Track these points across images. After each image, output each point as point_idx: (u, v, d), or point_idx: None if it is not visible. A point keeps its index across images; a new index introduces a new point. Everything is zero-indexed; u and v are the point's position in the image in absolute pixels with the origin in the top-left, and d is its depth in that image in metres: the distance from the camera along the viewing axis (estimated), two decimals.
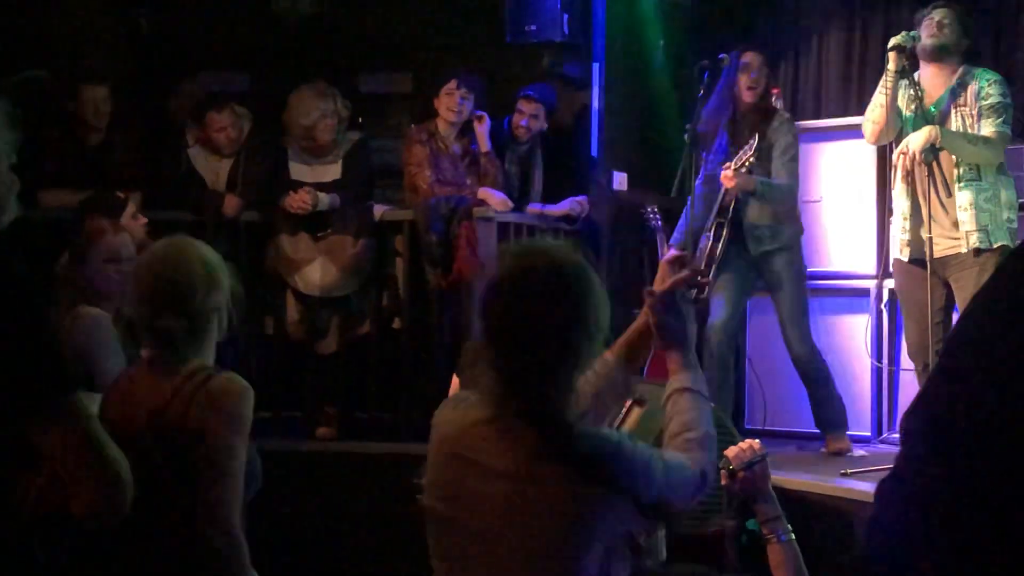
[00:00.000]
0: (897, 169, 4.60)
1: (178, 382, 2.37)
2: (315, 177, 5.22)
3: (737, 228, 4.92)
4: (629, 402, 3.67)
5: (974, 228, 4.41)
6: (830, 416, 4.99)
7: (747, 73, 4.93)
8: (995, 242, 4.39)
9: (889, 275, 5.02)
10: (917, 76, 4.56)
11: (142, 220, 4.26)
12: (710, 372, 5.01)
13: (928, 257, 4.43)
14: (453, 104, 5.30)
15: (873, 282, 5.47)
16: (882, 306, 5.44)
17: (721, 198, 4.89)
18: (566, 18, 5.63)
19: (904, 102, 4.61)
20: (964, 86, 4.53)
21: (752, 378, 5.59)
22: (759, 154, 4.80)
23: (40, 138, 5.12)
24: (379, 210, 5.31)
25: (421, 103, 5.68)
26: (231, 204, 5.24)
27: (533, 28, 5.69)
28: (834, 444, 4.94)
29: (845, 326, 5.52)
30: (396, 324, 5.37)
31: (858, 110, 5.26)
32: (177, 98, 5.87)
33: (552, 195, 5.63)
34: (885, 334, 5.44)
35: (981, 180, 4.45)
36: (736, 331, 5.19)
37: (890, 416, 5.37)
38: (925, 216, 4.45)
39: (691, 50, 6.13)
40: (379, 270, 5.32)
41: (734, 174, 4.72)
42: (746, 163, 4.72)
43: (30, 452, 1.77)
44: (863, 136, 4.82)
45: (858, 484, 4.06)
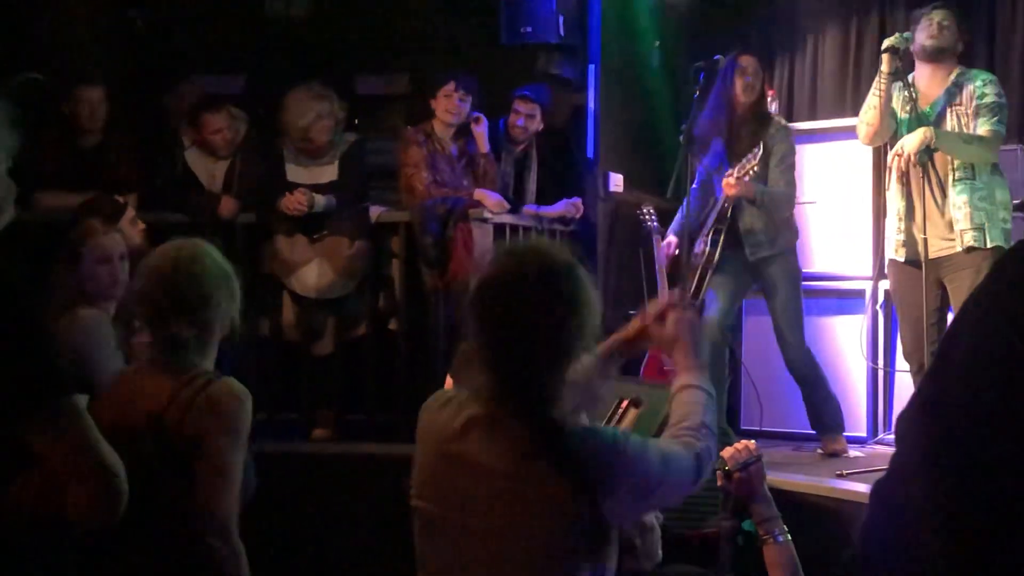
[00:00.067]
0: (892, 170, 4.61)
1: (178, 386, 2.36)
2: (311, 179, 5.21)
3: (734, 233, 4.93)
4: (625, 403, 3.67)
5: (968, 227, 4.42)
6: (826, 418, 4.99)
7: (743, 77, 4.93)
8: (990, 242, 4.40)
9: (884, 276, 5.02)
10: (911, 78, 4.57)
11: (140, 226, 4.26)
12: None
13: (923, 258, 4.44)
14: (452, 106, 5.30)
15: (868, 283, 5.47)
16: (877, 307, 5.45)
17: (720, 206, 4.90)
18: (561, 20, 5.62)
19: (899, 104, 4.62)
20: (960, 86, 4.54)
21: (748, 379, 5.59)
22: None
23: (36, 140, 5.11)
24: (375, 211, 5.30)
25: (418, 104, 5.68)
26: (227, 206, 5.23)
27: (528, 30, 5.69)
28: (830, 445, 4.95)
29: (840, 327, 5.53)
30: (392, 326, 5.36)
31: (853, 111, 5.26)
32: (173, 100, 5.86)
33: (547, 197, 5.63)
34: (880, 335, 5.45)
35: (976, 179, 4.46)
36: (730, 330, 5.20)
37: (885, 417, 5.38)
38: (920, 217, 4.46)
39: (686, 51, 6.14)
40: (375, 272, 5.31)
41: (736, 182, 4.73)
42: (749, 172, 4.72)
43: (26, 454, 1.76)
44: (858, 137, 4.83)
45: (854, 485, 4.08)
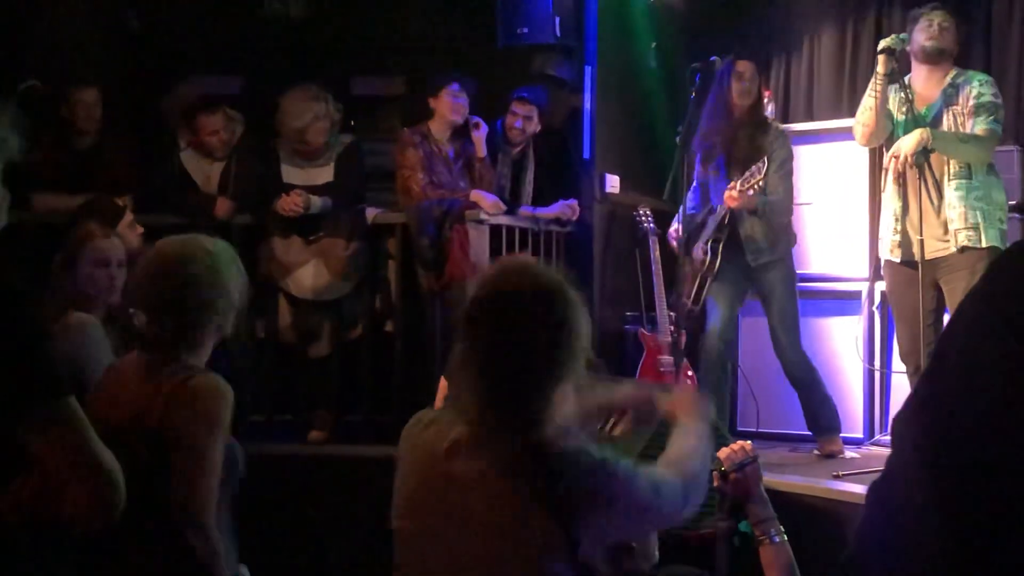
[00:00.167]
0: (888, 172, 4.61)
1: (159, 382, 2.37)
2: (307, 180, 5.20)
3: (733, 240, 4.94)
4: None
5: (963, 227, 4.42)
6: (822, 420, 5.00)
7: (740, 81, 4.93)
8: (985, 242, 4.40)
9: (880, 277, 5.02)
10: (908, 79, 4.57)
11: (139, 229, 4.25)
12: (706, 376, 5.04)
13: (919, 259, 4.44)
14: (457, 105, 5.32)
15: (864, 284, 5.48)
16: (874, 308, 5.45)
17: (719, 214, 4.90)
18: (558, 21, 5.62)
19: (895, 105, 4.62)
20: (956, 88, 4.54)
21: (744, 380, 5.59)
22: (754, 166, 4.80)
23: (33, 142, 5.11)
24: (371, 213, 5.29)
25: (415, 105, 5.67)
26: (223, 207, 5.22)
27: (525, 31, 5.68)
28: (826, 446, 4.95)
29: (837, 328, 5.53)
30: (388, 327, 5.36)
31: (849, 112, 5.26)
32: (169, 101, 5.85)
33: (544, 198, 5.63)
34: (877, 336, 5.45)
35: (972, 179, 4.47)
36: (731, 337, 5.20)
37: (882, 418, 5.38)
38: (916, 218, 4.46)
39: (683, 52, 6.14)
40: (372, 273, 5.31)
41: (739, 195, 4.72)
42: (754, 186, 4.70)
43: (23, 455, 1.76)
44: (854, 138, 4.83)
45: (850, 486, 4.08)
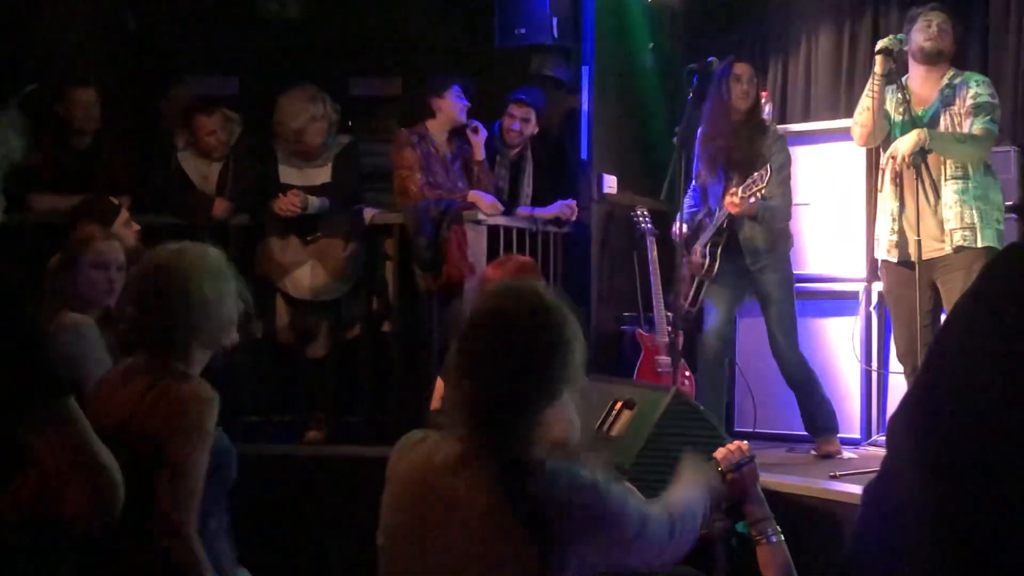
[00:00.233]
0: (885, 172, 4.61)
1: (146, 387, 2.37)
2: (304, 180, 5.20)
3: (731, 242, 4.94)
4: (619, 405, 3.66)
5: (958, 226, 4.43)
6: (819, 421, 4.99)
7: (738, 84, 4.93)
8: (982, 241, 4.41)
9: (878, 277, 5.02)
10: (905, 79, 4.57)
11: (135, 227, 4.25)
12: (704, 377, 5.04)
13: (917, 259, 4.44)
14: (462, 107, 5.35)
15: (862, 285, 5.48)
16: (871, 309, 5.45)
17: (718, 218, 4.90)
18: (555, 22, 5.62)
19: (892, 106, 4.63)
20: (953, 88, 4.55)
21: (742, 381, 5.59)
22: (753, 170, 4.80)
23: (32, 143, 5.11)
24: (369, 213, 5.29)
25: (414, 105, 5.68)
26: (220, 207, 5.23)
27: (522, 32, 5.69)
28: (824, 447, 4.95)
29: (834, 329, 5.53)
30: (386, 327, 5.36)
31: (847, 113, 5.27)
32: (167, 102, 5.85)
33: (542, 198, 5.63)
34: (874, 337, 5.45)
35: (969, 179, 4.47)
36: (729, 337, 5.21)
37: (879, 419, 5.38)
38: (913, 218, 4.46)
39: (680, 53, 6.14)
40: (369, 274, 5.31)
41: (740, 202, 4.72)
42: (756, 194, 4.71)
43: (23, 455, 1.76)
44: (852, 139, 4.83)
45: (847, 486, 4.07)
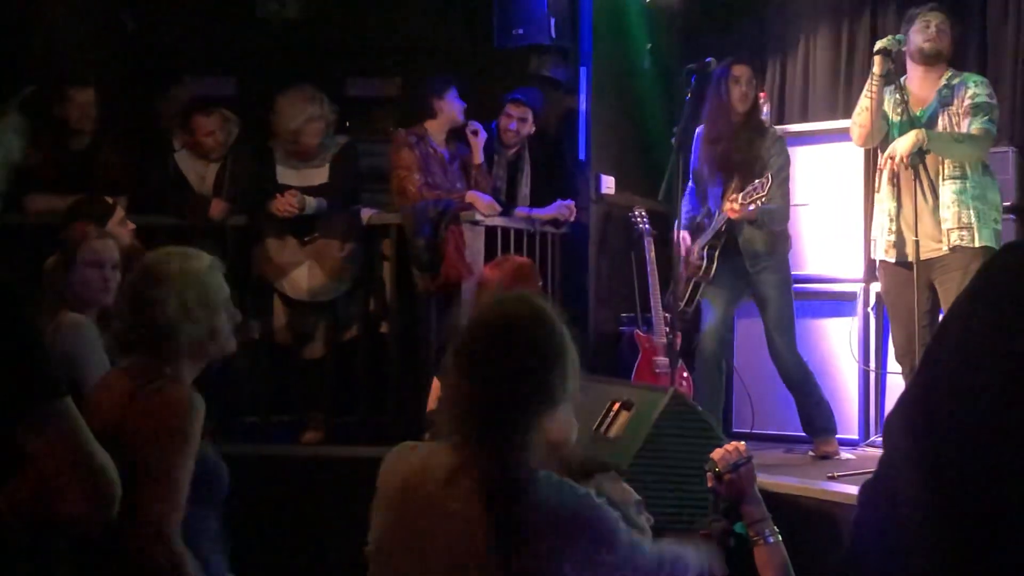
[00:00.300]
0: (883, 172, 4.61)
1: (134, 391, 2.37)
2: (302, 181, 5.20)
3: (730, 244, 4.94)
4: (616, 405, 3.66)
5: (955, 226, 4.43)
6: (817, 421, 4.99)
7: (737, 86, 4.93)
8: (979, 241, 4.41)
9: (876, 278, 5.02)
10: (903, 80, 4.57)
11: (130, 226, 4.24)
12: (702, 377, 5.04)
13: (915, 260, 4.44)
14: (460, 108, 5.37)
15: (860, 285, 5.48)
16: (869, 309, 5.45)
17: (717, 221, 4.90)
18: (553, 22, 5.62)
19: (891, 107, 4.63)
20: (951, 89, 4.55)
21: (739, 381, 5.58)
22: (752, 172, 4.80)
23: (31, 143, 5.11)
24: (366, 214, 5.29)
25: (412, 106, 5.67)
26: (218, 208, 5.22)
27: (520, 32, 5.69)
28: (821, 447, 4.95)
29: (832, 329, 5.53)
30: (383, 328, 5.35)
31: (845, 113, 5.27)
32: (164, 102, 5.84)
33: (539, 199, 5.64)
34: (872, 337, 5.45)
35: (967, 178, 4.47)
36: (727, 338, 5.21)
37: (877, 419, 5.37)
38: (911, 218, 4.46)
39: (678, 53, 6.14)
40: (366, 274, 5.30)
41: (740, 208, 4.72)
42: (756, 201, 4.70)
43: (19, 455, 1.76)
44: (850, 139, 4.83)
45: (845, 487, 4.07)
